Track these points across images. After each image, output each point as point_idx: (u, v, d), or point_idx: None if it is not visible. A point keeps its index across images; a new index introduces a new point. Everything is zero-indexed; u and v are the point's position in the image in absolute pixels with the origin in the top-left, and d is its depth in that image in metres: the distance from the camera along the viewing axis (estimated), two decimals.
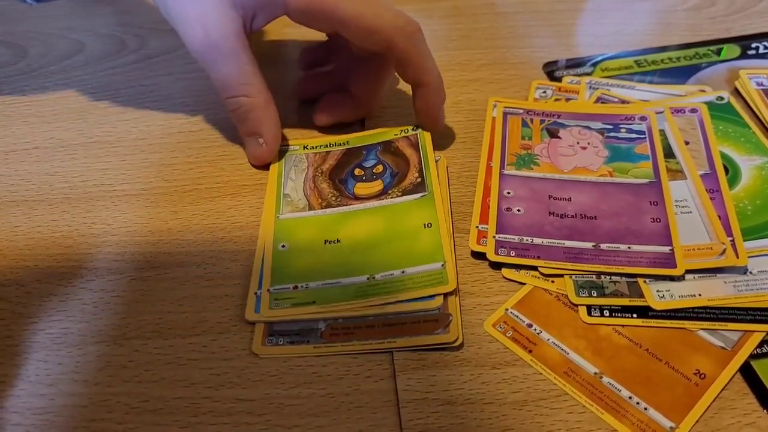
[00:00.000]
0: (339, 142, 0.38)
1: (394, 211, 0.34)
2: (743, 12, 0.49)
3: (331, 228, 0.33)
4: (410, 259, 0.31)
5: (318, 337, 0.30)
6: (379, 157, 0.37)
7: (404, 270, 0.31)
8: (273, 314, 0.30)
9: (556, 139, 0.38)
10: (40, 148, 0.40)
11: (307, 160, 0.37)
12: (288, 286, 0.31)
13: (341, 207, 0.34)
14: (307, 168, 0.37)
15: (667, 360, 0.28)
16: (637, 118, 0.38)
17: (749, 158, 0.37)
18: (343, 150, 0.38)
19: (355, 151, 0.38)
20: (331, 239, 0.33)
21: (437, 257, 0.31)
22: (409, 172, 0.35)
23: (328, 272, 0.31)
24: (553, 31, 0.48)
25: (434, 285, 0.30)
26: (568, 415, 0.27)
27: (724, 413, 0.27)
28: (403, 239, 0.32)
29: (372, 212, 0.34)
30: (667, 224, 0.33)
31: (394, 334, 0.29)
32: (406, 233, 0.32)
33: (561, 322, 0.30)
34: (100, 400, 0.28)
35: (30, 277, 0.33)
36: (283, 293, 0.31)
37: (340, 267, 0.32)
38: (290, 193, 0.36)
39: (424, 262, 0.31)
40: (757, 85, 0.41)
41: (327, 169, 0.37)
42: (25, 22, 0.49)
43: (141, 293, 0.32)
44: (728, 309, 0.30)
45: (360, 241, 0.33)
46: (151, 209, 0.36)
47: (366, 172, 0.36)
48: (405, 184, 0.35)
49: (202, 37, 0.34)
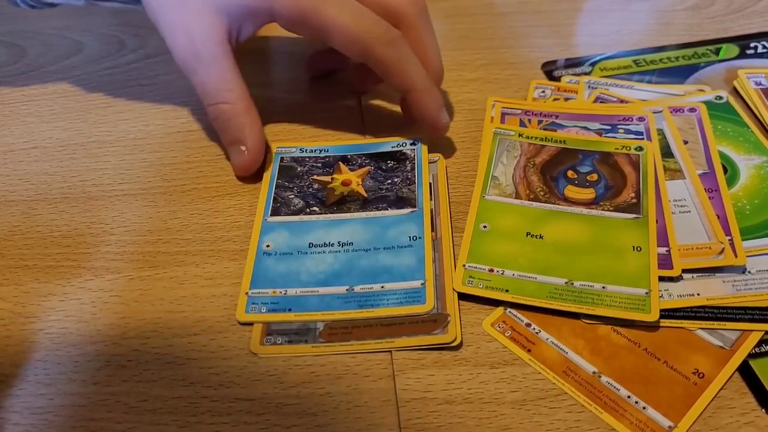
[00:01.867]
0: (556, 139, 0.38)
1: (604, 225, 0.33)
2: (742, 11, 0.49)
3: (536, 222, 0.33)
4: (614, 276, 0.31)
5: (316, 336, 0.30)
6: (595, 166, 0.36)
7: (605, 286, 0.30)
8: (466, 290, 0.31)
9: None
10: (38, 148, 0.40)
11: (521, 148, 0.37)
12: (484, 267, 0.31)
13: (548, 204, 0.34)
14: (520, 156, 0.36)
15: (666, 359, 0.28)
16: (635, 119, 0.38)
17: (748, 158, 0.37)
18: (559, 148, 0.37)
19: (571, 152, 0.37)
20: (534, 233, 0.33)
21: (642, 283, 0.30)
22: (625, 190, 0.34)
23: (527, 265, 0.31)
24: (552, 30, 0.48)
25: (635, 310, 0.29)
26: (566, 414, 0.27)
27: (722, 412, 0.27)
28: (609, 255, 0.31)
29: (580, 218, 0.33)
30: (664, 225, 0.33)
31: (392, 334, 0.29)
32: (613, 250, 0.32)
33: (560, 322, 0.30)
34: (99, 399, 0.28)
35: (29, 277, 0.33)
36: (478, 272, 0.31)
37: (539, 263, 0.31)
38: (499, 177, 0.35)
39: (628, 284, 0.30)
40: (756, 85, 0.41)
41: (540, 162, 0.36)
42: (23, 21, 0.49)
43: (140, 293, 0.32)
44: (727, 308, 0.30)
45: (563, 243, 0.32)
46: (150, 209, 0.36)
47: (579, 177, 0.35)
48: (619, 200, 0.34)
49: (185, 43, 0.34)
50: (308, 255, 0.32)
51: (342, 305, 0.30)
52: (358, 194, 0.35)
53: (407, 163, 0.37)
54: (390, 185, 0.35)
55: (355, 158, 0.37)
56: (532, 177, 0.35)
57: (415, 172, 0.36)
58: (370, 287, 0.31)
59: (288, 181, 0.36)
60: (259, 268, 0.32)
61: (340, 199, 0.35)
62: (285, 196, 0.35)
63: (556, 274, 0.31)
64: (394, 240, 0.33)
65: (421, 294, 0.30)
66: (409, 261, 0.32)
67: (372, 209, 0.34)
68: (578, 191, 0.35)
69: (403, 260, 0.32)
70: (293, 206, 0.35)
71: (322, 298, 0.31)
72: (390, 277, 0.31)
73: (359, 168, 0.36)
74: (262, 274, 0.32)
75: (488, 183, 0.35)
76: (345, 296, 0.31)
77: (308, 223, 0.34)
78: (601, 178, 0.35)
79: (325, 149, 0.38)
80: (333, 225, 0.34)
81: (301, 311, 0.30)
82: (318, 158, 0.37)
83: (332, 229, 0.33)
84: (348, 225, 0.34)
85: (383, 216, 0.34)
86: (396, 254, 0.32)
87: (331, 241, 0.33)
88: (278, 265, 0.32)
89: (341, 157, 0.37)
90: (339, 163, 0.37)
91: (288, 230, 0.34)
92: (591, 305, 0.30)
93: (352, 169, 0.36)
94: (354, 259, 0.32)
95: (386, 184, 0.35)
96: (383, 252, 0.32)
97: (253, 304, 0.31)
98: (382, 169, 0.36)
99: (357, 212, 0.34)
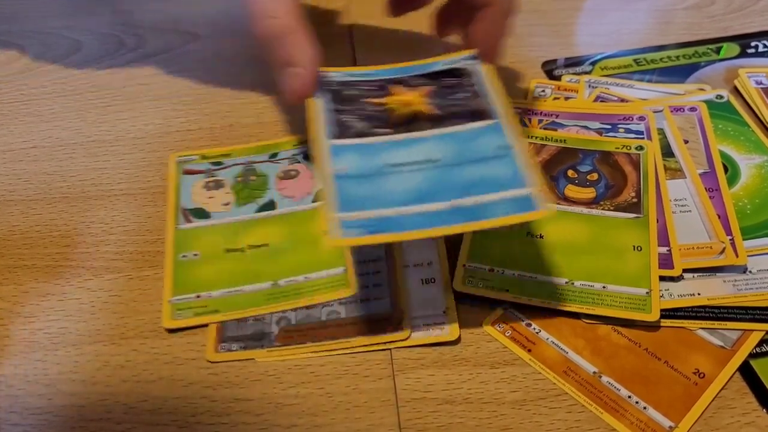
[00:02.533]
0: (556, 138, 0.37)
1: (604, 224, 0.33)
2: (742, 11, 0.49)
3: (536, 222, 0.33)
4: (614, 276, 0.31)
5: (272, 340, 0.30)
6: (595, 165, 0.36)
7: (606, 285, 0.30)
8: (466, 289, 0.31)
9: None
10: (38, 147, 0.39)
11: None
12: (484, 267, 0.31)
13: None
14: None
15: (667, 359, 0.28)
16: (635, 118, 0.38)
17: (748, 157, 0.37)
18: (560, 147, 0.37)
19: (571, 151, 0.37)
20: (534, 233, 0.33)
21: (642, 283, 0.30)
22: (626, 189, 0.34)
23: (525, 264, 0.31)
24: (552, 29, 0.48)
25: (636, 310, 0.29)
26: (567, 414, 0.27)
27: (723, 412, 0.27)
28: (609, 255, 0.31)
29: (580, 218, 0.33)
30: (665, 224, 0.32)
31: (348, 334, 0.29)
32: (613, 250, 0.32)
33: (560, 322, 0.30)
34: (99, 399, 0.28)
35: (28, 277, 0.33)
36: (479, 272, 0.31)
37: (538, 261, 0.31)
38: None
39: (628, 284, 0.30)
40: (757, 84, 0.41)
41: (540, 161, 0.36)
42: (23, 20, 0.49)
43: (139, 292, 0.32)
44: (727, 308, 0.30)
45: (562, 242, 0.32)
46: (149, 208, 0.36)
47: (579, 176, 0.35)
48: (620, 200, 0.34)
49: None
50: (392, 175, 0.30)
51: (446, 220, 0.28)
52: (424, 113, 0.33)
53: (470, 77, 0.35)
54: (457, 100, 0.34)
55: (408, 80, 0.35)
56: None
57: (481, 84, 0.34)
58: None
59: (340, 104, 0.34)
60: (343, 191, 0.30)
61: (409, 119, 0.33)
62: (343, 119, 0.33)
63: (556, 274, 0.31)
64: (481, 152, 0.31)
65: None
66: (506, 171, 0.30)
67: (447, 125, 0.32)
68: (578, 191, 0.35)
69: (498, 171, 0.30)
70: (355, 128, 0.33)
71: (424, 215, 0.29)
72: (488, 188, 0.29)
73: (416, 88, 0.35)
74: (349, 198, 0.29)
75: None
76: (448, 212, 0.29)
77: (381, 144, 0.32)
78: (601, 177, 0.35)
79: (373, 73, 0.36)
80: (409, 144, 0.32)
81: (401, 231, 0.28)
82: (369, 81, 0.35)
83: (410, 148, 0.32)
84: (425, 143, 0.32)
85: (461, 131, 0.32)
86: (488, 165, 0.30)
87: (413, 160, 0.31)
88: (360, 188, 0.30)
89: (393, 80, 0.36)
90: (391, 85, 0.35)
91: (359, 152, 0.31)
92: (591, 305, 0.30)
93: (411, 89, 0.35)
94: (444, 175, 0.30)
95: (453, 99, 0.34)
96: (473, 165, 0.31)
97: (347, 228, 0.28)
98: (445, 87, 0.35)
99: (430, 130, 0.32)
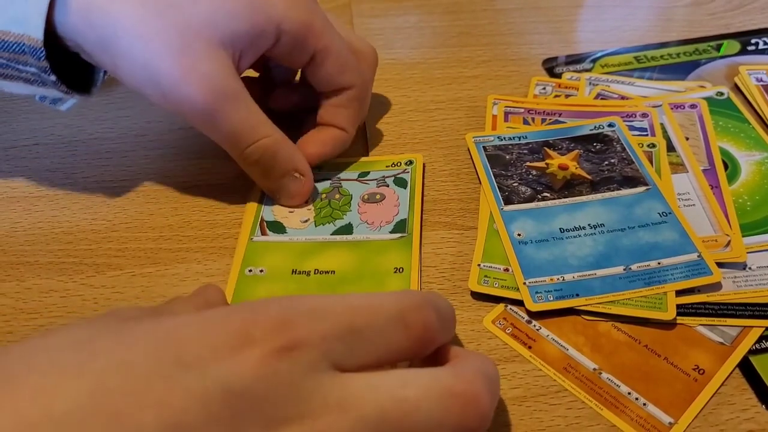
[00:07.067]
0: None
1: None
2: (743, 8, 0.49)
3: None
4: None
5: None
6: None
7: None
8: (481, 289, 0.31)
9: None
10: (40, 145, 0.40)
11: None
12: (499, 266, 0.32)
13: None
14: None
15: (666, 356, 0.28)
16: (638, 115, 0.38)
17: (749, 154, 0.37)
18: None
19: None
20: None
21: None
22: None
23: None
24: (553, 27, 0.48)
25: (652, 309, 0.30)
26: (567, 410, 0.27)
27: (722, 409, 0.27)
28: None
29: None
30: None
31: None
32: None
33: (560, 319, 0.30)
34: None
35: (31, 273, 0.33)
36: (493, 272, 0.32)
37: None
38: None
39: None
40: (757, 81, 0.41)
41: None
42: None
43: (142, 289, 0.32)
44: (727, 305, 0.30)
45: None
46: (151, 205, 0.36)
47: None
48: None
49: (203, 88, 0.30)
50: (565, 240, 0.32)
51: (627, 285, 0.30)
52: (581, 177, 0.35)
53: (614, 144, 0.37)
54: (609, 166, 0.35)
55: (558, 143, 0.37)
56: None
57: (627, 151, 0.36)
58: (647, 264, 0.31)
59: (503, 169, 0.36)
60: (522, 257, 0.32)
61: (567, 183, 0.35)
62: (509, 184, 0.35)
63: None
64: (644, 218, 0.33)
65: (702, 266, 0.30)
66: (672, 236, 0.32)
67: (604, 190, 0.34)
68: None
69: (665, 236, 0.32)
70: (522, 194, 0.35)
71: (603, 280, 0.30)
72: (661, 253, 0.31)
73: (567, 152, 0.36)
74: (533, 264, 0.31)
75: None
76: (626, 276, 0.30)
77: (548, 209, 0.34)
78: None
79: (524, 136, 0.38)
80: (574, 209, 0.34)
81: (587, 295, 0.30)
82: (521, 145, 0.37)
83: (575, 212, 0.33)
84: (589, 207, 0.33)
85: (620, 196, 0.34)
86: (654, 231, 0.32)
87: (581, 224, 0.33)
88: (540, 253, 0.32)
89: (544, 143, 0.37)
90: (545, 148, 0.37)
91: (530, 218, 0.33)
92: (607, 304, 0.30)
93: (561, 153, 0.36)
94: (614, 240, 0.32)
95: (604, 165, 0.36)
96: (640, 230, 0.32)
97: (537, 293, 0.30)
98: (592, 152, 0.36)
99: (589, 194, 0.34)
